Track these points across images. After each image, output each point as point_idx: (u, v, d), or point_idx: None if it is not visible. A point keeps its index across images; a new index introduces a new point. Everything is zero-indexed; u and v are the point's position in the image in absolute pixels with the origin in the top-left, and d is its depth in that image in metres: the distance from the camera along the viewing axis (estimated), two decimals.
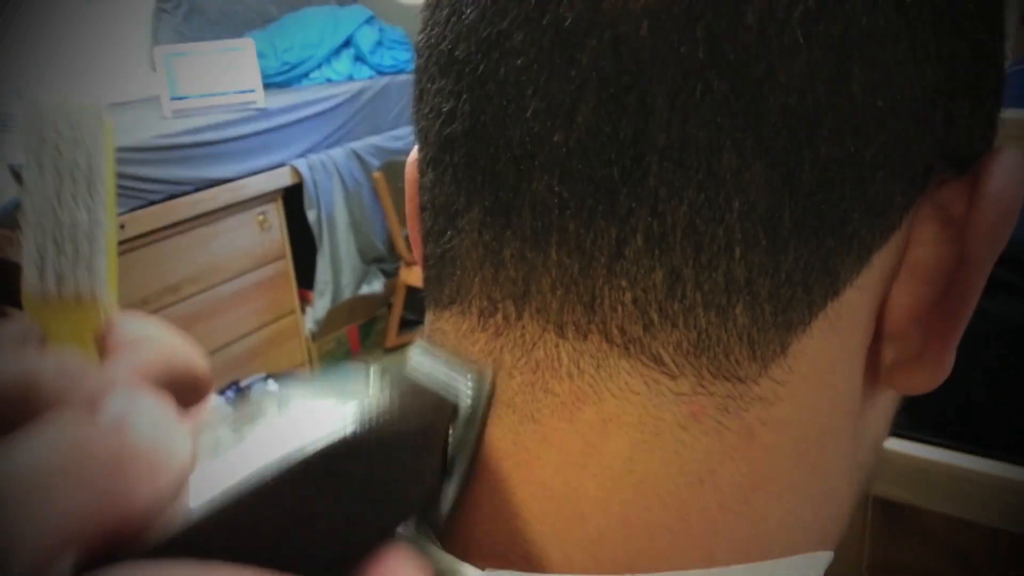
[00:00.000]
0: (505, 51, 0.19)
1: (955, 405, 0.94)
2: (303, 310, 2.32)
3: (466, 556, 0.22)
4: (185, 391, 0.19)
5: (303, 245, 2.25)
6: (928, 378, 0.21)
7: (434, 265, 0.23)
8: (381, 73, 2.52)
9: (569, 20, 0.18)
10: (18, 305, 0.19)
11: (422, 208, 0.24)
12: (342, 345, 2.47)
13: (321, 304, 2.30)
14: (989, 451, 0.82)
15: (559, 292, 0.20)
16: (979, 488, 0.81)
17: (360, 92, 2.38)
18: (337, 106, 2.30)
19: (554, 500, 0.20)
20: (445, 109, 0.21)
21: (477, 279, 0.21)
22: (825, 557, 0.22)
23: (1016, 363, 0.89)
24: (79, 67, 2.19)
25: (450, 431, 0.21)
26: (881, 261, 0.20)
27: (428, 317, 0.24)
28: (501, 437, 0.21)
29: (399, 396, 0.19)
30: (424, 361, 0.23)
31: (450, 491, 0.21)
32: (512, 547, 0.21)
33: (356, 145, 2.36)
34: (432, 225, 0.23)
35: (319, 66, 2.47)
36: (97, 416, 0.14)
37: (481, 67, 0.20)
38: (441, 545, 0.22)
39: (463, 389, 0.21)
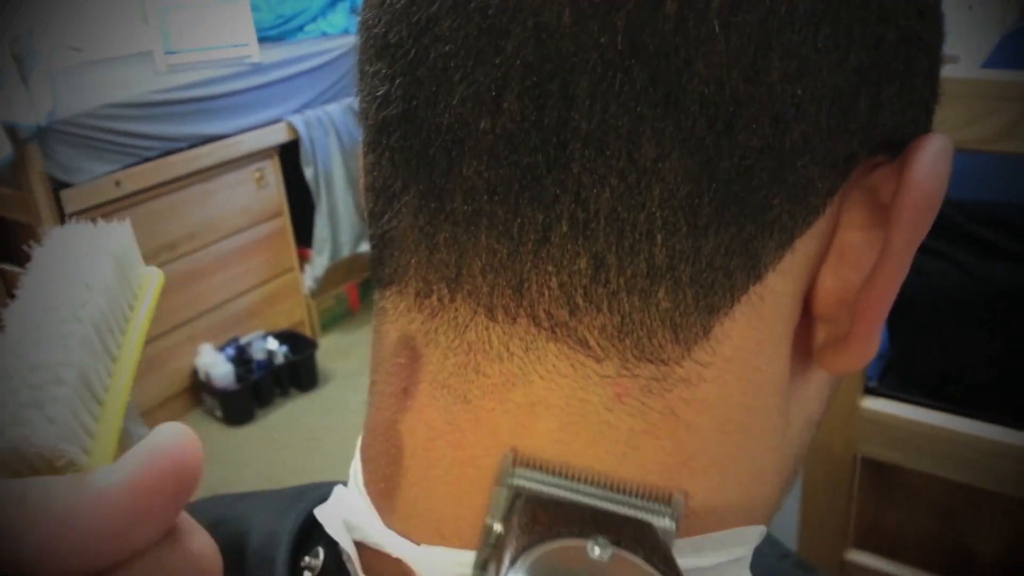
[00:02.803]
0: (435, 37, 0.19)
1: (943, 367, 0.95)
2: (302, 268, 2.32)
3: (405, 532, 0.22)
4: None
5: (301, 202, 2.25)
6: (854, 359, 0.22)
7: (376, 245, 0.24)
8: None
9: (493, 7, 0.18)
10: (15, 262, 0.19)
11: (365, 188, 0.24)
12: (341, 303, 2.48)
13: (320, 261, 2.30)
14: (975, 413, 0.83)
15: (489, 276, 0.20)
16: (965, 449, 0.82)
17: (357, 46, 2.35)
18: (333, 60, 2.27)
19: (486, 479, 0.21)
20: (380, 93, 0.21)
21: (413, 261, 0.22)
22: (756, 531, 0.23)
23: (1003, 327, 0.90)
24: (69, 18, 2.16)
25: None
26: (805, 246, 0.20)
27: (375, 296, 0.25)
28: (435, 417, 0.22)
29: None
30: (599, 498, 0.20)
31: None
32: (445, 524, 0.22)
33: (353, 101, 2.33)
34: (373, 206, 0.23)
35: (314, 19, 2.43)
36: None
37: (412, 52, 0.20)
38: (381, 519, 0.23)
39: (660, 523, 0.20)
